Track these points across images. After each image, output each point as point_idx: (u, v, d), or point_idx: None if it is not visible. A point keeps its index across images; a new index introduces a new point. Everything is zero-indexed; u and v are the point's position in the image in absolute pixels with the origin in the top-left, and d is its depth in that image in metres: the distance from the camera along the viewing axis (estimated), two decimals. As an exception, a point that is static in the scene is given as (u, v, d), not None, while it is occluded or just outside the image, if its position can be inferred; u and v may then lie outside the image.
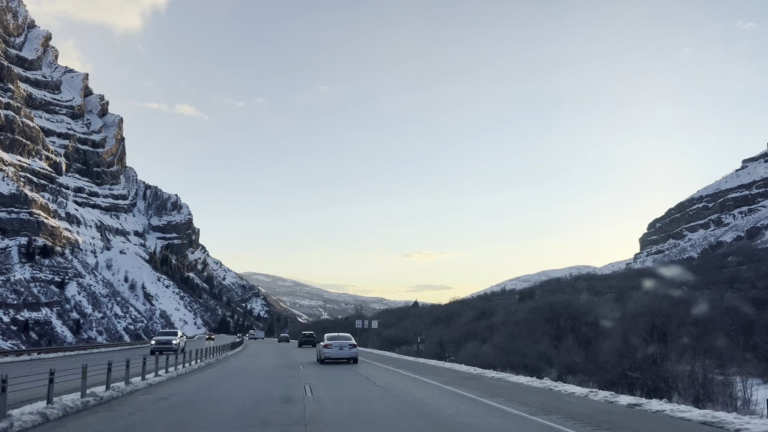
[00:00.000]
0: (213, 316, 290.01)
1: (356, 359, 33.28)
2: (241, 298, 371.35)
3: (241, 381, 22.71)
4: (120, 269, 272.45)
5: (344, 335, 35.76)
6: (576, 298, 58.47)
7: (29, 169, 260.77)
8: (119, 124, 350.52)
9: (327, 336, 35.36)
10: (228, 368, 31.26)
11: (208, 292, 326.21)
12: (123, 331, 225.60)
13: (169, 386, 20.30)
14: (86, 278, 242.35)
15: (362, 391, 18.32)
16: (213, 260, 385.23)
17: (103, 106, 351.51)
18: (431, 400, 16.16)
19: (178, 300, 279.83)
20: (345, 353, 32.75)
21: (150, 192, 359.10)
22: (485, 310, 73.42)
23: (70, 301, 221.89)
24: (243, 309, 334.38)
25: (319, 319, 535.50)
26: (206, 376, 25.61)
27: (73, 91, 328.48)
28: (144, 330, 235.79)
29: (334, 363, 32.14)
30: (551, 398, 16.99)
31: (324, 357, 32.74)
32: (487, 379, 23.87)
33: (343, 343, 33.15)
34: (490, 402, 15.69)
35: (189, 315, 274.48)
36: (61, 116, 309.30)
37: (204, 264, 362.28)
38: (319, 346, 34.97)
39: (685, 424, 12.58)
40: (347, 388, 19.47)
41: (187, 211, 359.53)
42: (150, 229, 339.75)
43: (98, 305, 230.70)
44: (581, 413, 13.71)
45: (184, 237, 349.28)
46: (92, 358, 39.26)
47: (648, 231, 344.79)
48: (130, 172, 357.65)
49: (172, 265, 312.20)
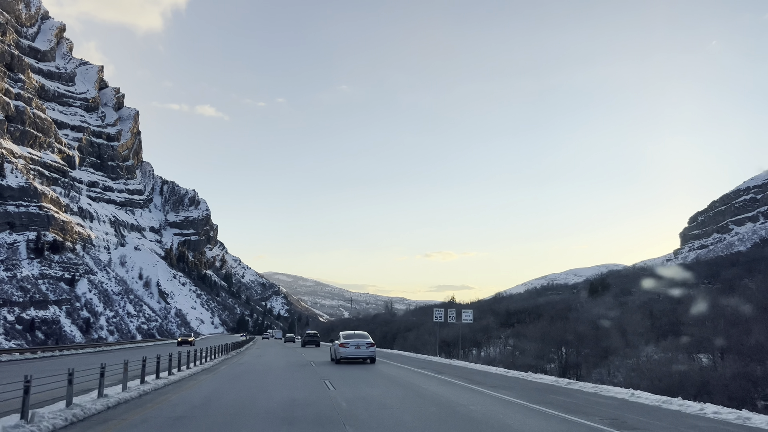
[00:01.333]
0: (231, 315, 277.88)
1: (374, 359, 31.35)
2: (261, 296, 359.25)
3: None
4: (134, 266, 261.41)
5: (361, 333, 33.91)
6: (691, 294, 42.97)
7: (40, 162, 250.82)
8: (135, 117, 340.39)
9: (342, 334, 33.36)
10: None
11: (227, 290, 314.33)
12: (135, 331, 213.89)
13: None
14: (98, 275, 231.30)
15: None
16: (232, 257, 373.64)
17: (119, 99, 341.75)
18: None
19: (194, 298, 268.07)
20: (362, 352, 30.83)
21: (167, 187, 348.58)
22: (560, 307, 58.42)
23: (81, 299, 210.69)
24: (263, 308, 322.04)
25: (340, 318, 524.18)
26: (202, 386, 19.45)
27: (87, 84, 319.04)
28: (158, 329, 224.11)
29: (350, 363, 30.15)
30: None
31: (340, 356, 30.68)
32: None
33: (360, 341, 31.26)
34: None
35: (206, 314, 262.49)
36: (74, 109, 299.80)
37: (222, 261, 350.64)
38: (335, 345, 32.47)
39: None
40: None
41: (205, 207, 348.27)
42: (166, 225, 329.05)
43: (110, 303, 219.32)
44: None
45: (201, 233, 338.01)
46: (88, 359, 35.85)
47: (689, 225, 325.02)
48: (147, 167, 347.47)
49: (189, 262, 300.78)
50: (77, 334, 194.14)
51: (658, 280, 63.02)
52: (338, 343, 31.58)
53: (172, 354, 23.91)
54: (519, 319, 56.18)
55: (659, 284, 59.77)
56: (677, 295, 46.40)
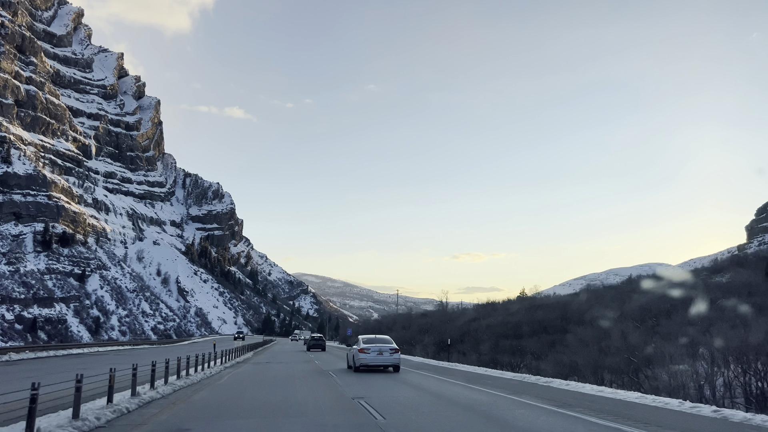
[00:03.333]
0: (256, 315, 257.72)
1: (398, 367, 28.24)
2: (289, 295, 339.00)
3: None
4: (152, 261, 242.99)
5: (383, 338, 30.11)
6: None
7: (53, 150, 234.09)
8: (156, 106, 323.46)
9: (363, 338, 29.47)
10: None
11: (252, 288, 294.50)
12: (150, 331, 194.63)
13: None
14: (111, 271, 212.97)
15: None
16: (258, 254, 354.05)
17: (139, 87, 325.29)
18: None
19: (216, 296, 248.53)
20: (385, 359, 27.46)
21: (190, 180, 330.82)
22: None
23: (91, 296, 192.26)
24: (290, 307, 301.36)
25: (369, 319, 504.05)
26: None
27: (105, 71, 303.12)
28: (176, 330, 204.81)
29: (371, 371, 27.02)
30: None
31: (359, 364, 27.50)
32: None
33: (382, 347, 27.74)
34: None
35: (229, 313, 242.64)
36: (91, 96, 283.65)
37: (248, 258, 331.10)
38: (353, 350, 29.24)
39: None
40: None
41: (229, 200, 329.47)
42: (188, 219, 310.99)
43: (123, 301, 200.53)
44: None
45: (225, 228, 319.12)
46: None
47: (757, 217, 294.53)
48: (169, 159, 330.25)
49: (212, 257, 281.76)
50: (85, 334, 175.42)
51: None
52: (357, 349, 28.06)
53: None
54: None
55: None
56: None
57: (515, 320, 57.11)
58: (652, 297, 50.88)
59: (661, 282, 55.53)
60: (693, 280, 53.41)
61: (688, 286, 50.29)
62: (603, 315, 43.99)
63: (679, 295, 44.98)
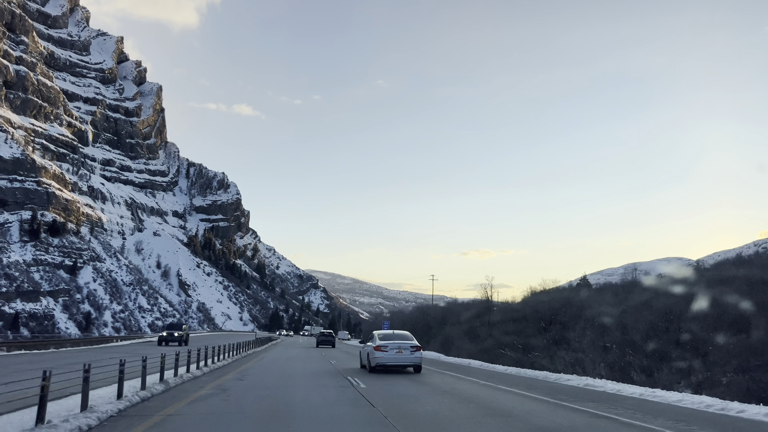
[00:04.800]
0: (263, 311, 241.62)
1: (419, 367, 23.69)
2: (298, 289, 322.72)
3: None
4: (152, 253, 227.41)
5: (402, 333, 25.23)
6: None
7: (45, 134, 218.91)
8: (158, 92, 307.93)
9: (378, 334, 24.68)
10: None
11: (259, 281, 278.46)
12: (147, 328, 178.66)
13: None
14: (106, 263, 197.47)
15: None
16: (265, 246, 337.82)
17: (140, 73, 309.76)
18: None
19: (221, 290, 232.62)
20: (405, 358, 22.96)
21: (194, 170, 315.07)
22: None
23: (82, 289, 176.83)
24: (299, 302, 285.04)
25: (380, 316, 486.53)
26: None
27: (104, 54, 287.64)
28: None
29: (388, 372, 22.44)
30: None
31: (375, 364, 22.69)
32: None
33: (402, 344, 23.18)
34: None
35: (234, 308, 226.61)
36: (88, 80, 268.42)
37: (254, 250, 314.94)
38: (367, 348, 24.53)
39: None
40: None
41: (235, 191, 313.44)
42: (192, 209, 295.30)
43: (118, 295, 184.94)
44: None
45: (231, 219, 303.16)
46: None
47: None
48: (172, 148, 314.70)
49: (216, 250, 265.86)
50: (75, 331, 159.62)
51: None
52: (373, 346, 23.25)
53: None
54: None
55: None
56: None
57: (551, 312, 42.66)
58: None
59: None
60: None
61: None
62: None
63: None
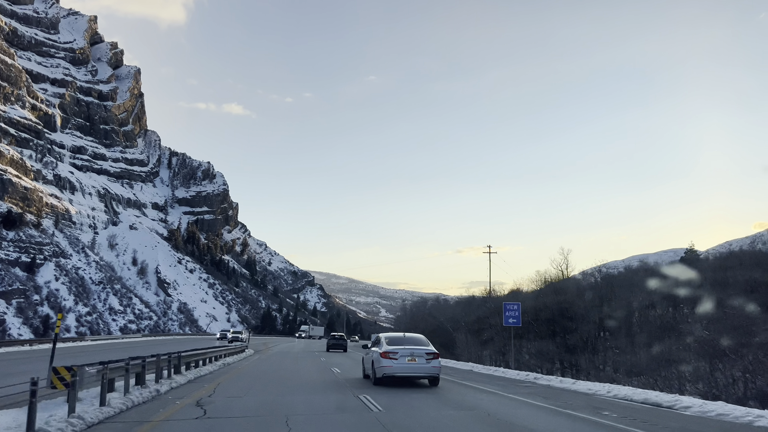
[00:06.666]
0: (254, 311, 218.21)
1: (437, 379, 18.28)
2: (292, 287, 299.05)
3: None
4: (127, 249, 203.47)
5: (415, 337, 19.69)
6: None
7: (4, 117, 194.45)
8: (136, 75, 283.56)
9: (385, 338, 19.07)
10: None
11: (249, 279, 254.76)
12: (119, 332, 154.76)
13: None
14: (72, 259, 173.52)
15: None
16: (256, 241, 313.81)
17: (116, 55, 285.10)
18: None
19: (205, 288, 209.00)
20: (419, 368, 17.57)
21: (176, 159, 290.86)
22: None
23: (41, 290, 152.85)
24: (294, 301, 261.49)
25: (377, 315, 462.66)
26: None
27: (75, 34, 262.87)
28: (153, 329, 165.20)
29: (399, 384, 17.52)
30: None
31: (383, 374, 17.56)
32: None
33: (415, 349, 17.84)
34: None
35: (220, 308, 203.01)
36: (57, 60, 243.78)
37: (244, 245, 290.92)
38: (373, 354, 18.73)
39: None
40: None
41: (221, 181, 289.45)
42: (174, 201, 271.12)
43: (85, 296, 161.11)
44: None
45: (218, 212, 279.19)
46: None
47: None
48: (152, 136, 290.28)
49: (201, 244, 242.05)
50: (29, 338, 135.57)
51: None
52: (379, 352, 17.88)
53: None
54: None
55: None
56: None
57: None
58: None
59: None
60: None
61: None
62: None
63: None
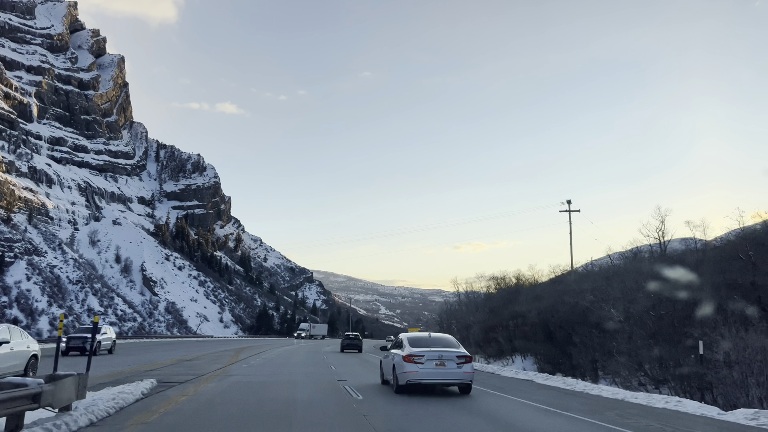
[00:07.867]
0: (249, 309, 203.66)
1: (469, 387, 15.05)
2: (290, 284, 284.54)
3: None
4: (110, 245, 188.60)
5: (443, 337, 16.52)
6: None
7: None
8: (119, 64, 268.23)
9: (407, 338, 15.79)
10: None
11: (243, 276, 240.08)
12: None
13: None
14: (48, 256, 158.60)
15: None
16: (250, 236, 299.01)
17: (98, 43, 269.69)
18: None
19: (195, 287, 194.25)
20: (449, 374, 14.49)
21: (165, 152, 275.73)
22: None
23: (10, 290, 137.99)
24: (292, 298, 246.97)
25: (377, 313, 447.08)
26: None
27: (53, 20, 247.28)
28: (136, 332, 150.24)
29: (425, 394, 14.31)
30: None
31: (406, 380, 14.43)
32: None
33: (444, 352, 14.63)
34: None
35: (212, 308, 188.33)
36: (33, 47, 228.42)
37: (237, 241, 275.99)
38: (393, 357, 15.57)
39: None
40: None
41: (212, 174, 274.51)
42: (162, 196, 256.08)
43: (60, 296, 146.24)
44: None
45: (209, 206, 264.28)
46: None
47: None
48: (138, 128, 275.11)
49: (190, 240, 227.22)
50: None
51: None
52: (402, 355, 14.77)
53: None
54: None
55: None
56: None
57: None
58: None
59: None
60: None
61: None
62: None
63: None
